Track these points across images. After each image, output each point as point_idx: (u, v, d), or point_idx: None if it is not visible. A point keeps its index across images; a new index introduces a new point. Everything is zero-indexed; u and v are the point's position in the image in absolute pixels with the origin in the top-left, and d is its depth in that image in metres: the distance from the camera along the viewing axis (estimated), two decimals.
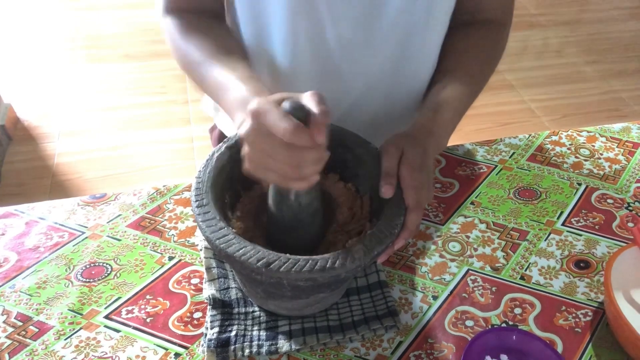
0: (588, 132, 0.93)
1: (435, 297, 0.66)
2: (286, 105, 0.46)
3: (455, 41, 0.75)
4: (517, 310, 0.65)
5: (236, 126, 0.56)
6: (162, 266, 0.69)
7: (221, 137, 0.95)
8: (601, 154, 0.89)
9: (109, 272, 0.68)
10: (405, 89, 0.77)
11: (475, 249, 0.72)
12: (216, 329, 0.60)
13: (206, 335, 0.60)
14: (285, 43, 0.69)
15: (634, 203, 0.80)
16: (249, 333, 0.60)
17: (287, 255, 0.50)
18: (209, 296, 0.63)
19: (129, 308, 0.64)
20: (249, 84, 0.58)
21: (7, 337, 0.61)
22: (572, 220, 0.77)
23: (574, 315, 0.65)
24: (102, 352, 0.60)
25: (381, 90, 0.77)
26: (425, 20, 0.70)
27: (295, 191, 0.53)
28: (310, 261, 0.49)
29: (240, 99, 0.57)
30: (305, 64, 0.72)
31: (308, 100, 0.46)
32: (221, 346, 0.58)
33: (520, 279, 0.69)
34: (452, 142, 0.74)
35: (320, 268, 0.49)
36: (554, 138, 0.92)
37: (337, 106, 0.78)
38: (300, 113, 0.45)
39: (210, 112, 0.94)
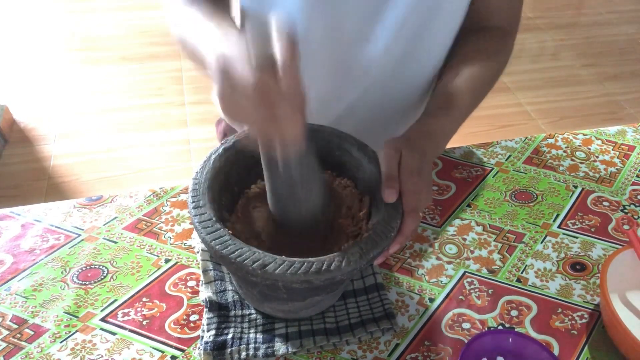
0: (584, 135, 0.94)
1: (432, 300, 0.66)
2: (254, 57, 0.43)
3: (462, 46, 0.76)
4: (514, 313, 0.65)
5: (210, 74, 0.49)
6: (159, 269, 0.69)
7: (227, 130, 0.94)
8: (597, 157, 0.89)
9: (105, 274, 0.68)
10: (410, 86, 0.78)
11: (472, 252, 0.73)
12: (213, 332, 0.60)
13: (202, 338, 0.60)
14: (298, 31, 0.70)
15: (629, 206, 0.80)
16: (246, 336, 0.60)
17: (283, 257, 0.50)
18: (205, 299, 0.63)
19: (125, 311, 0.64)
20: (225, 26, 0.54)
21: (2, 340, 0.61)
22: (568, 222, 0.77)
23: (570, 317, 0.65)
24: (98, 354, 0.59)
25: (388, 85, 0.77)
26: (434, 17, 0.70)
27: (283, 161, 0.50)
28: (305, 263, 0.49)
29: (214, 40, 0.52)
30: (318, 53, 0.72)
31: (276, 44, 0.43)
32: (218, 349, 0.58)
33: (516, 281, 0.69)
34: (448, 144, 0.74)
35: (315, 270, 0.49)
36: (550, 141, 0.92)
37: (346, 97, 0.79)
38: (269, 61, 0.42)
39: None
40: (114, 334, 0.62)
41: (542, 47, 2.85)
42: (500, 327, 0.64)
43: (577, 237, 0.75)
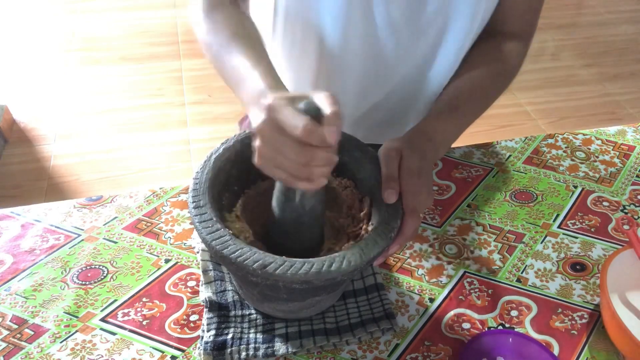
0: (584, 135, 0.94)
1: (432, 300, 0.66)
2: (301, 104, 0.46)
3: (473, 50, 0.76)
4: (514, 313, 0.65)
5: (252, 119, 0.54)
6: (159, 269, 0.69)
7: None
8: (597, 157, 0.89)
9: (105, 274, 0.68)
10: (436, 81, 0.78)
11: (472, 252, 0.73)
12: (212, 332, 0.60)
13: (202, 338, 0.60)
14: (337, 20, 0.70)
15: (629, 206, 0.80)
16: (246, 336, 0.60)
17: (284, 257, 0.50)
18: (205, 299, 0.63)
19: (125, 311, 0.64)
20: (268, 78, 0.57)
21: (2, 340, 0.61)
22: (568, 223, 0.77)
23: (570, 317, 0.65)
24: (98, 355, 0.59)
25: (418, 78, 0.78)
26: (454, 21, 0.71)
27: (301, 193, 0.53)
28: (306, 264, 0.49)
29: (257, 92, 0.55)
30: (355, 43, 0.73)
31: (321, 100, 0.46)
32: (217, 349, 0.58)
33: (516, 281, 0.69)
34: None
35: (316, 271, 0.49)
36: (550, 141, 0.92)
37: (380, 90, 0.80)
38: (314, 112, 0.45)
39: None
40: (114, 334, 0.62)
41: (542, 47, 2.85)
42: (500, 327, 0.64)
43: (577, 237, 0.75)
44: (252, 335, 0.60)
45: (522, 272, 0.70)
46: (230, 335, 0.60)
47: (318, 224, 0.58)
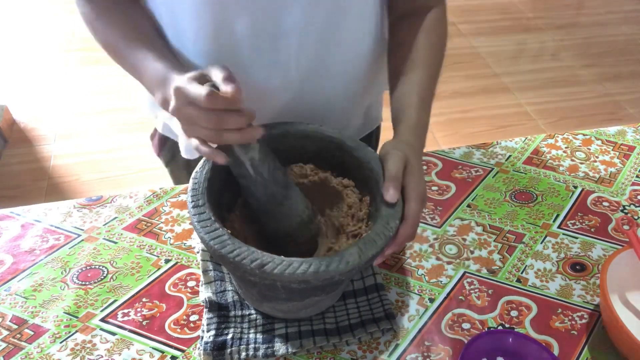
0: (584, 135, 0.94)
1: (431, 300, 0.66)
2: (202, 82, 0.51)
3: (406, 34, 0.73)
4: (514, 313, 0.65)
5: (158, 103, 0.59)
6: (159, 269, 0.69)
7: (162, 142, 0.89)
8: (597, 157, 0.89)
9: (105, 274, 0.68)
10: (329, 74, 0.74)
11: (472, 252, 0.73)
12: (212, 332, 0.60)
13: (202, 338, 0.60)
14: (196, 38, 0.67)
15: (629, 206, 0.80)
16: (246, 336, 0.60)
17: (282, 257, 0.50)
18: (205, 299, 0.63)
19: (125, 311, 0.64)
20: (165, 61, 0.61)
21: (2, 340, 0.61)
22: (568, 223, 0.77)
23: (570, 317, 0.65)
24: (98, 355, 0.59)
25: (301, 77, 0.72)
26: (340, 10, 0.67)
27: (249, 158, 0.54)
28: (303, 264, 0.49)
29: (159, 77, 0.59)
30: (216, 59, 0.68)
31: (215, 73, 0.51)
32: (217, 349, 0.58)
33: (516, 281, 0.69)
34: (449, 145, 0.74)
35: (313, 271, 0.49)
36: (550, 141, 0.92)
37: (261, 96, 0.72)
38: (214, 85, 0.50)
39: (149, 115, 0.87)
40: (113, 334, 0.62)
41: (542, 47, 2.85)
42: (500, 328, 0.64)
43: (577, 238, 0.75)
44: (252, 336, 0.60)
45: (522, 272, 0.70)
46: (230, 336, 0.60)
47: (292, 197, 0.58)
